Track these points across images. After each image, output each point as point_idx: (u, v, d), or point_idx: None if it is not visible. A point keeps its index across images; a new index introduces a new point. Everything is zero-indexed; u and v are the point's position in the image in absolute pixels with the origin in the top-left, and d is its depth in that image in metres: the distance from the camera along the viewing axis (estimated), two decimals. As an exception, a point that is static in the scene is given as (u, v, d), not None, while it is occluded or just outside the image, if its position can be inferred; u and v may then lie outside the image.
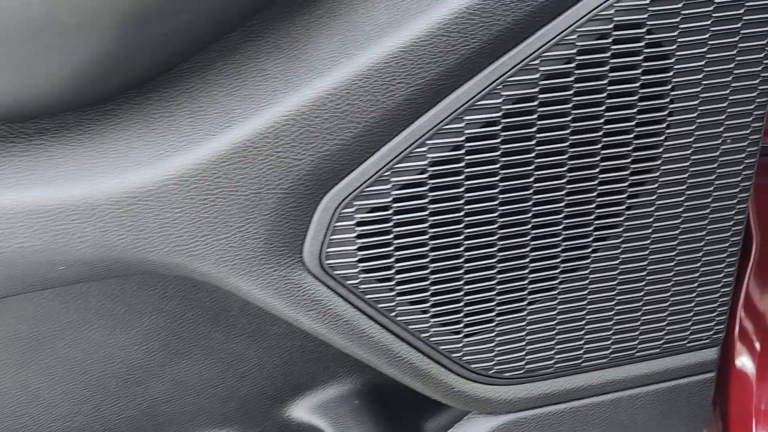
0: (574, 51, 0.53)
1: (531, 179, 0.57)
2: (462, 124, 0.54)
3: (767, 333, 0.92)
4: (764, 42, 0.58)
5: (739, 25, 0.56)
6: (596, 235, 0.62)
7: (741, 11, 0.56)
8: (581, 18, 0.53)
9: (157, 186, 0.50)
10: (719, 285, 0.68)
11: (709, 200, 0.64)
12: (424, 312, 0.61)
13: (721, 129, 0.61)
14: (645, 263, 0.65)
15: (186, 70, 0.53)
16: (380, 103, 0.51)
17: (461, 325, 0.62)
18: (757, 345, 0.92)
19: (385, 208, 0.55)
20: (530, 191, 0.58)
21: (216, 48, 0.54)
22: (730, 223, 0.66)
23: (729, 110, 0.60)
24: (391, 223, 0.56)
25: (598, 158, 0.58)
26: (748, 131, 0.61)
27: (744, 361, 0.93)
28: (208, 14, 0.51)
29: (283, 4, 0.54)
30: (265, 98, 0.51)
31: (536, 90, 0.54)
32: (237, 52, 0.53)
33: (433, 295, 0.60)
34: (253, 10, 0.53)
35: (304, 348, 0.74)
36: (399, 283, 0.59)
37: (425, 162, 0.54)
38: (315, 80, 0.50)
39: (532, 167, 0.57)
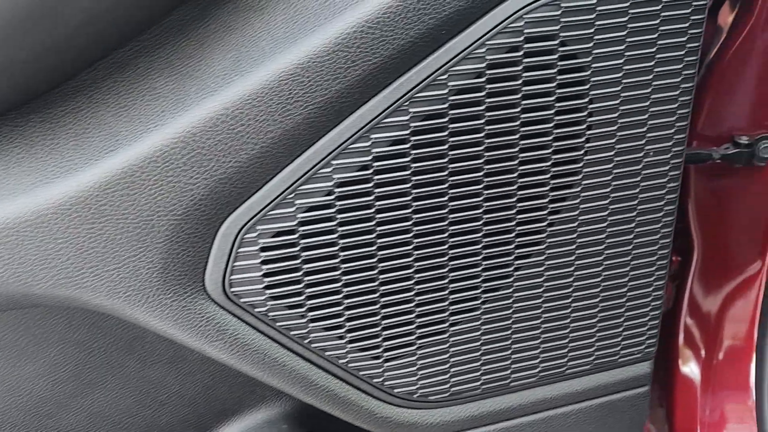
0: (483, 65, 0.51)
1: (446, 198, 0.55)
2: (368, 143, 0.51)
3: (711, 339, 0.92)
4: (682, 52, 0.56)
5: (655, 35, 0.55)
6: (518, 252, 0.60)
7: (657, 21, 0.54)
8: (490, 31, 0.50)
9: (35, 216, 0.47)
10: (649, 299, 0.67)
11: (634, 214, 0.62)
12: (341, 338, 0.58)
13: (643, 141, 0.59)
14: (571, 279, 0.63)
15: (72, 89, 0.50)
16: (278, 122, 0.48)
17: (381, 349, 0.60)
18: (702, 352, 0.92)
19: (290, 232, 0.53)
20: (446, 210, 0.56)
21: (105, 64, 0.50)
22: (657, 237, 0.64)
23: (650, 122, 0.58)
24: (298, 248, 0.53)
25: (515, 175, 0.56)
26: (670, 143, 0.60)
27: (688, 369, 0.92)
28: (94, 28, 0.47)
29: (178, 18, 0.50)
30: (153, 119, 0.48)
31: (446, 106, 0.52)
32: (127, 69, 0.50)
33: (348, 320, 0.57)
34: (145, 22, 0.50)
35: (227, 372, 0.71)
36: (311, 309, 0.56)
37: (331, 183, 0.52)
38: (205, 100, 0.47)
39: (446, 186, 0.55)
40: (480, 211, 0.56)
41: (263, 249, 0.52)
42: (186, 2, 0.50)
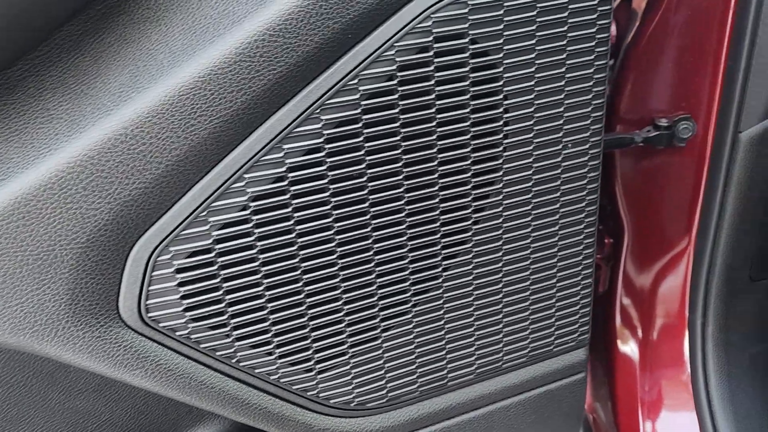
0: (394, 67, 0.50)
1: (366, 204, 0.54)
2: (281, 154, 0.50)
3: (646, 317, 0.94)
4: (593, 43, 0.56)
5: (564, 28, 0.55)
6: (445, 253, 0.59)
7: (565, 14, 0.54)
8: (397, 32, 0.49)
9: None
10: (578, 288, 0.68)
11: (558, 205, 0.62)
12: (270, 353, 0.56)
13: (561, 133, 0.59)
14: (500, 275, 0.63)
15: (-43, 115, 0.46)
16: (182, 139, 0.46)
17: (313, 361, 0.58)
18: (639, 331, 0.94)
19: (206, 251, 0.50)
20: (368, 216, 0.54)
21: (-8, 87, 0.47)
22: (582, 226, 0.65)
23: (566, 114, 0.58)
24: (216, 266, 0.51)
25: (436, 176, 0.55)
26: (588, 133, 0.60)
27: (627, 349, 0.94)
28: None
29: (70, 32, 0.47)
30: (47, 143, 0.45)
31: (358, 111, 0.50)
32: (17, 89, 0.47)
33: (276, 335, 0.56)
34: (34, 38, 0.47)
35: (159, 394, 0.69)
36: (236, 328, 0.54)
37: (246, 197, 0.50)
38: (102, 120, 0.45)
39: (366, 191, 0.53)
40: (403, 214, 0.56)
41: (179, 270, 0.50)
42: (78, 14, 0.48)
